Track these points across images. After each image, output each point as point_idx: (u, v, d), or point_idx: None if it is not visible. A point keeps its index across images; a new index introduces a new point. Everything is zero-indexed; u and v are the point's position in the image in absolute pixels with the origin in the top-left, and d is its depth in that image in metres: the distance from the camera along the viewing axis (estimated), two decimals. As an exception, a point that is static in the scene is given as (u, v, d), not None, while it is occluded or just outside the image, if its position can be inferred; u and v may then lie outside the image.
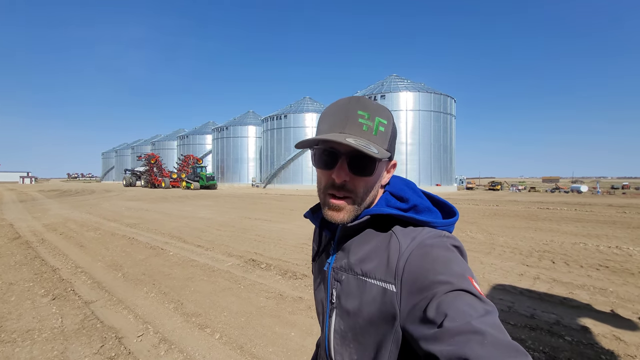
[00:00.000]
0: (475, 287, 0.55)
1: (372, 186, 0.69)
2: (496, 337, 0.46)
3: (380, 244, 0.68)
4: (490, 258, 5.95)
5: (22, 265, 5.54)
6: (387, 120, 0.68)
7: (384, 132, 0.67)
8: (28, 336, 3.07)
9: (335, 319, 0.72)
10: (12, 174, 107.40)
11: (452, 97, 34.19)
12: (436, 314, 0.52)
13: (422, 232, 0.65)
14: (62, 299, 4.00)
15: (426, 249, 0.61)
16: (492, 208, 15.57)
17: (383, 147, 0.67)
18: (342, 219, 0.68)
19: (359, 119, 0.65)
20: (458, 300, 0.52)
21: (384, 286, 0.63)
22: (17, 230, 9.35)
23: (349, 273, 0.70)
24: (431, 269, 0.57)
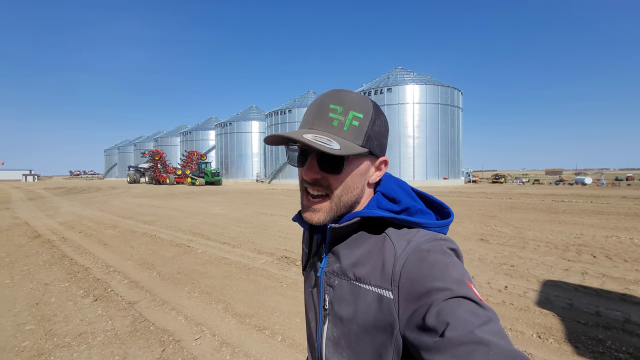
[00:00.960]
0: (474, 292, 0.53)
1: (350, 184, 0.65)
2: (501, 347, 0.44)
3: (373, 247, 0.65)
4: (527, 252, 5.82)
5: (52, 265, 5.44)
6: (363, 114, 0.63)
7: (358, 126, 0.62)
8: (82, 340, 2.96)
9: (328, 326, 0.69)
10: (15, 172, 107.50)
11: (458, 90, 33.85)
12: (437, 322, 0.49)
13: (417, 234, 0.63)
14: (104, 300, 3.90)
15: (423, 254, 0.58)
16: (507, 201, 15.43)
17: (356, 143, 0.62)
18: (319, 220, 0.65)
19: (330, 113, 0.62)
20: (458, 308, 0.49)
21: (380, 292, 0.60)
22: (34, 228, 9.25)
23: (341, 278, 0.67)
24: (429, 274, 0.55)
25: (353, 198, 0.67)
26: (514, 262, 5.21)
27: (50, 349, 2.82)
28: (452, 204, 14.53)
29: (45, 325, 3.26)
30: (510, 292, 3.97)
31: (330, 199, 0.65)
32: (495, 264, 5.13)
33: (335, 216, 0.66)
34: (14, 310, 3.65)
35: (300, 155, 0.65)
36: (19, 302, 3.86)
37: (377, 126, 0.65)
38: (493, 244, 6.55)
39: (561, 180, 36.17)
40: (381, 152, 0.68)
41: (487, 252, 5.86)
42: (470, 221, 9.53)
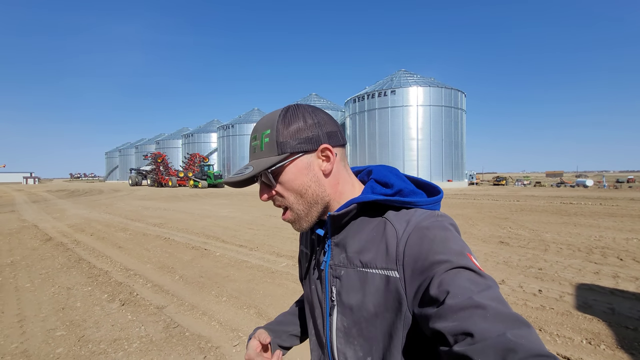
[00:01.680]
0: (474, 262, 0.55)
1: (298, 186, 0.68)
2: (498, 310, 0.47)
3: (375, 232, 0.67)
4: (550, 255, 5.74)
5: (70, 268, 5.34)
6: (270, 129, 0.67)
7: (269, 142, 0.67)
8: (118, 346, 2.87)
9: (336, 317, 0.70)
10: (15, 174, 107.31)
11: (462, 92, 33.84)
12: (438, 292, 0.52)
13: (415, 214, 0.65)
14: (131, 305, 3.80)
15: (423, 231, 0.60)
16: (515, 203, 15.35)
17: (272, 155, 0.66)
18: (300, 228, 0.70)
19: (252, 142, 0.70)
20: (458, 277, 0.52)
21: (386, 274, 0.62)
22: (44, 231, 9.16)
23: (348, 267, 0.68)
24: (430, 249, 0.57)
25: (315, 195, 0.68)
26: (541, 265, 5.13)
27: (86, 355, 2.73)
28: (460, 206, 14.45)
29: (76, 331, 3.17)
30: (545, 296, 3.89)
31: (291, 208, 0.69)
32: (522, 267, 5.05)
33: (313, 218, 0.70)
34: (41, 315, 3.56)
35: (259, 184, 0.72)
36: (45, 307, 3.77)
37: (287, 129, 0.67)
38: (514, 246, 6.46)
39: (562, 183, 36.13)
40: (311, 144, 0.68)
41: (510, 255, 5.77)
42: (484, 223, 9.45)
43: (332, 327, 0.70)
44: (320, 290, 0.74)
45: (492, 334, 0.44)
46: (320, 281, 0.74)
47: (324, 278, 0.73)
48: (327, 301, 0.72)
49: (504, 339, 0.43)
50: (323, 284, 0.73)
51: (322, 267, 0.73)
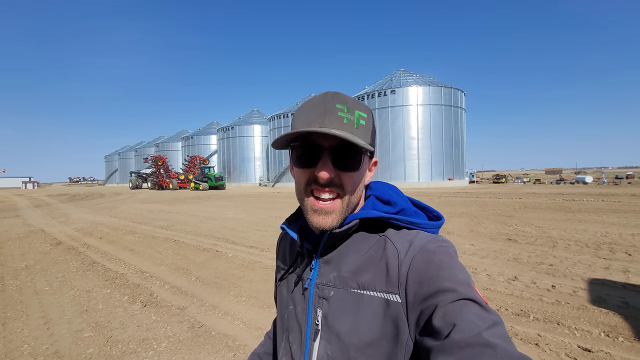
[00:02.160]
0: (480, 296, 0.53)
1: (359, 183, 0.65)
2: (507, 351, 0.44)
3: (374, 251, 0.62)
4: (559, 252, 5.82)
5: (85, 272, 5.40)
6: (367, 114, 0.64)
7: (365, 125, 0.63)
8: (147, 346, 2.93)
9: (319, 344, 0.62)
10: (14, 179, 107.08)
11: (461, 90, 34.00)
12: (443, 324, 0.49)
13: (418, 235, 0.62)
14: (153, 306, 3.86)
15: (429, 255, 0.57)
16: (518, 201, 15.44)
17: (366, 140, 0.62)
18: (332, 223, 0.62)
19: (339, 112, 0.60)
20: (465, 310, 0.49)
21: (386, 297, 0.58)
22: (52, 235, 9.20)
23: (339, 288, 0.62)
24: (436, 275, 0.54)
25: (359, 198, 0.66)
26: (551, 262, 5.20)
27: (117, 355, 2.79)
28: (464, 204, 14.54)
29: (103, 332, 3.23)
30: (559, 291, 3.96)
31: (341, 199, 0.62)
32: (532, 264, 5.12)
33: (343, 219, 0.63)
34: (65, 317, 3.62)
35: (307, 156, 0.62)
36: (67, 309, 3.82)
37: (374, 128, 0.67)
38: (522, 243, 6.54)
39: (562, 180, 36.29)
40: (374, 153, 0.69)
41: (519, 252, 5.85)
42: (490, 221, 9.53)
43: (312, 355, 0.63)
44: (301, 312, 0.67)
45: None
46: (303, 302, 0.67)
47: (308, 298, 0.66)
48: (309, 325, 0.64)
49: None
50: (305, 305, 0.66)
51: (307, 285, 0.67)
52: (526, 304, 3.59)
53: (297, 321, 0.67)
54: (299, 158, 0.63)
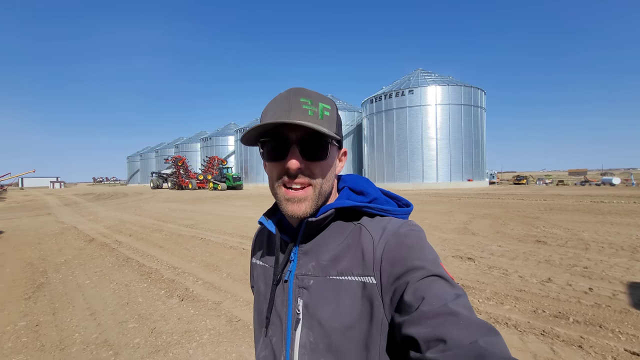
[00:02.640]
0: (447, 272, 0.57)
1: (328, 172, 0.67)
2: (470, 318, 0.49)
3: (350, 239, 0.66)
4: (593, 254, 5.64)
5: (121, 267, 5.63)
6: (330, 106, 0.66)
7: (330, 116, 0.65)
8: (190, 338, 3.05)
9: (301, 332, 0.64)
10: (43, 179, 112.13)
11: (482, 90, 33.26)
12: (414, 298, 0.53)
13: (391, 222, 0.65)
14: (190, 300, 4.01)
15: (401, 238, 0.61)
16: (542, 202, 15.00)
17: (332, 131, 0.64)
18: (305, 210, 0.64)
19: (303, 105, 0.63)
20: (433, 285, 0.53)
21: (362, 280, 0.61)
22: (84, 232, 9.61)
23: (319, 276, 0.65)
24: (408, 255, 0.58)
25: (330, 187, 0.69)
26: (585, 264, 5.06)
27: (163, 345, 2.92)
28: (486, 206, 14.24)
29: (146, 323, 3.38)
30: (597, 294, 3.85)
31: (313, 187, 0.65)
32: (565, 266, 4.99)
33: (316, 207, 0.66)
34: (109, 309, 3.80)
35: (276, 149, 0.65)
36: (110, 302, 4.01)
37: (339, 120, 0.69)
38: (552, 245, 6.37)
39: (586, 181, 34.95)
40: (341, 143, 0.71)
41: (550, 254, 5.71)
42: (515, 223, 9.31)
43: (295, 343, 0.65)
44: (281, 304, 0.69)
45: (464, 341, 0.46)
46: (282, 294, 0.69)
47: (288, 289, 0.68)
48: (290, 315, 0.66)
49: (476, 346, 0.45)
50: (285, 297, 0.68)
51: (287, 277, 0.69)
52: (564, 306, 3.52)
53: (277, 314, 0.69)
54: (269, 152, 0.66)
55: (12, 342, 3.08)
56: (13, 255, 6.78)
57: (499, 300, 3.74)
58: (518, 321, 3.20)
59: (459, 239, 7.31)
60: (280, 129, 0.64)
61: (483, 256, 5.72)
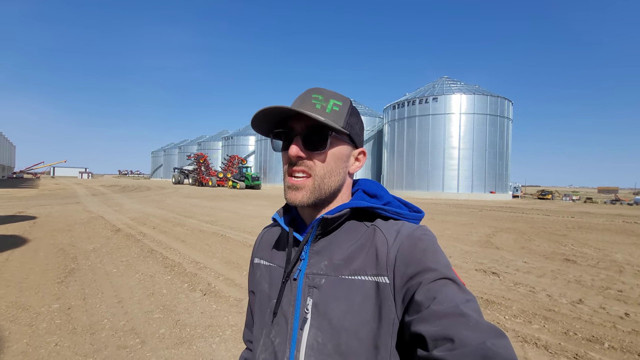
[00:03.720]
0: (459, 278, 0.58)
1: (332, 164, 0.67)
2: (479, 320, 0.49)
3: (364, 239, 0.66)
4: (627, 277, 5.35)
5: (146, 258, 5.81)
6: (342, 102, 0.68)
7: (339, 111, 0.67)
8: (213, 332, 3.11)
9: (309, 332, 0.63)
10: (72, 169, 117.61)
11: (509, 100, 32.35)
12: (425, 298, 0.54)
13: (404, 225, 0.66)
14: (212, 295, 4.08)
15: (415, 241, 0.62)
16: (570, 220, 14.36)
17: (338, 124, 0.66)
18: (302, 199, 0.66)
19: (313, 100, 0.67)
20: (445, 288, 0.54)
21: (376, 280, 0.61)
22: (111, 222, 9.97)
23: (330, 275, 0.65)
24: (422, 257, 0.59)
25: (336, 183, 0.69)
26: (619, 287, 4.80)
27: (187, 338, 2.99)
28: (509, 220, 13.79)
29: (171, 315, 3.46)
30: (635, 320, 3.64)
31: (313, 177, 0.66)
32: (597, 288, 4.75)
33: (318, 198, 0.67)
34: (135, 298, 3.92)
35: (285, 140, 0.69)
36: (136, 291, 4.14)
37: (354, 118, 0.70)
38: (583, 265, 6.09)
39: (617, 200, 33.20)
40: (360, 143, 0.73)
41: (580, 274, 5.45)
42: (541, 239, 8.96)
43: (301, 344, 0.63)
44: (287, 304, 0.68)
45: (472, 341, 0.46)
46: (290, 293, 0.68)
47: (296, 289, 0.67)
48: (297, 315, 0.65)
49: (484, 347, 0.45)
50: (293, 296, 0.67)
51: (296, 276, 0.68)
52: (598, 330, 3.35)
53: (283, 314, 0.67)
54: (276, 144, 0.71)
55: (46, 323, 3.23)
56: (46, 240, 7.13)
57: (526, 319, 3.60)
58: (548, 342, 3.07)
59: (482, 252, 7.10)
60: (288, 121, 0.68)
61: (508, 271, 5.53)
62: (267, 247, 0.80)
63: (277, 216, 0.75)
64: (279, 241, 0.78)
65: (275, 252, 0.77)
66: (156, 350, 2.77)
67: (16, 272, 4.80)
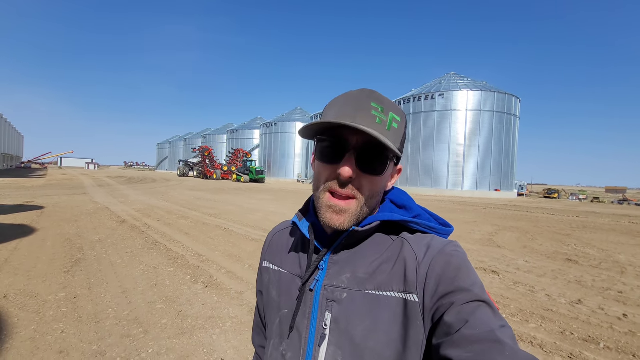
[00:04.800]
0: (493, 301, 0.54)
1: (379, 189, 0.63)
2: (515, 350, 0.45)
3: (391, 253, 0.62)
4: (629, 279, 5.33)
5: (150, 249, 5.91)
6: (400, 118, 0.62)
7: (398, 129, 0.62)
8: (214, 324, 3.18)
9: (327, 350, 0.58)
10: (79, 160, 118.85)
11: (516, 97, 31.96)
12: (456, 320, 0.50)
13: (434, 239, 0.62)
14: (214, 287, 4.16)
15: (447, 257, 0.58)
16: (575, 219, 14.26)
17: (395, 144, 0.59)
18: (342, 223, 0.60)
19: (372, 110, 0.59)
20: (478, 311, 0.50)
21: (404, 297, 0.57)
22: (116, 214, 10.12)
23: (354, 290, 0.60)
24: (455, 276, 0.55)
25: (376, 203, 0.65)
26: (620, 289, 4.79)
27: (189, 329, 3.06)
28: (513, 218, 13.73)
29: (173, 306, 3.55)
30: (633, 321, 3.65)
31: (357, 200, 0.61)
32: (598, 289, 4.75)
33: (357, 222, 0.62)
34: (138, 289, 4.01)
35: (332, 150, 0.60)
36: (140, 282, 4.23)
37: (405, 134, 0.66)
38: (584, 266, 6.08)
39: (625, 200, 32.80)
40: (399, 159, 0.68)
41: (581, 275, 5.45)
42: (544, 238, 8.93)
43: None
44: (302, 316, 0.63)
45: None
46: (305, 305, 0.63)
47: (312, 301, 0.62)
48: (313, 329, 0.61)
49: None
50: (308, 309, 0.63)
51: (312, 287, 0.63)
52: (594, 331, 3.37)
53: (296, 327, 0.63)
54: (323, 151, 0.62)
55: (53, 310, 3.33)
56: (53, 230, 7.28)
57: (524, 318, 3.63)
58: (544, 341, 3.10)
59: (483, 250, 7.11)
60: (341, 129, 0.59)
61: (508, 270, 5.55)
62: (278, 250, 0.75)
63: (296, 220, 0.70)
64: (292, 246, 0.73)
65: (286, 257, 0.72)
66: (158, 340, 2.85)
67: (24, 261, 4.93)
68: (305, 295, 0.64)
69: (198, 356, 2.65)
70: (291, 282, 0.68)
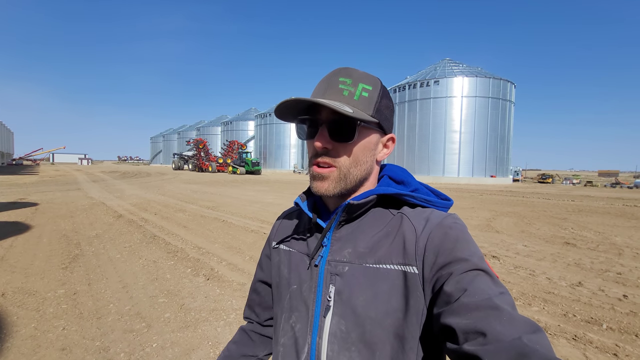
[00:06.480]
0: (492, 269, 0.55)
1: (359, 155, 0.64)
2: (513, 314, 0.46)
3: (391, 227, 0.64)
4: (627, 260, 5.40)
5: (149, 244, 5.85)
6: (372, 86, 0.64)
7: (368, 97, 0.63)
8: (217, 316, 3.15)
9: (332, 320, 0.62)
10: (72, 155, 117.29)
11: (511, 82, 31.87)
12: (455, 289, 0.51)
13: (433, 213, 0.64)
14: (215, 280, 4.13)
15: (445, 229, 0.59)
16: (570, 203, 14.41)
17: (366, 112, 0.62)
18: (327, 189, 0.64)
19: (340, 84, 0.63)
20: (477, 279, 0.52)
21: (403, 269, 0.59)
22: (112, 209, 10.00)
23: (354, 263, 0.63)
24: (453, 247, 0.57)
25: (362, 173, 0.66)
26: (619, 270, 4.85)
27: (192, 322, 3.04)
28: (509, 203, 13.83)
29: (175, 299, 3.51)
30: (633, 302, 3.69)
31: (338, 168, 0.64)
32: (597, 270, 4.80)
33: (343, 189, 0.65)
34: (139, 283, 3.97)
35: (310, 128, 0.65)
36: (140, 276, 4.19)
37: (385, 101, 0.66)
38: (582, 248, 6.14)
39: (617, 183, 33.23)
40: (389, 129, 0.69)
41: (580, 257, 5.50)
42: (541, 223, 9.01)
43: (324, 331, 0.62)
44: (308, 290, 0.67)
45: (506, 337, 0.44)
46: (310, 279, 0.67)
47: (317, 275, 0.66)
48: (319, 301, 0.64)
49: (519, 342, 0.42)
50: (314, 283, 0.66)
51: (317, 262, 0.67)
52: (596, 312, 3.40)
53: (303, 300, 0.67)
54: (301, 130, 0.68)
55: (53, 307, 3.28)
56: (49, 226, 7.17)
57: (526, 301, 3.66)
58: (548, 324, 3.12)
59: (482, 236, 7.15)
60: (314, 108, 0.65)
61: (508, 255, 5.58)
62: (287, 232, 0.79)
63: (299, 200, 0.73)
64: (299, 227, 0.77)
65: (294, 237, 0.76)
66: (162, 334, 2.82)
67: (21, 258, 4.85)
68: (311, 270, 0.68)
69: (203, 349, 2.63)
70: (300, 260, 0.71)
